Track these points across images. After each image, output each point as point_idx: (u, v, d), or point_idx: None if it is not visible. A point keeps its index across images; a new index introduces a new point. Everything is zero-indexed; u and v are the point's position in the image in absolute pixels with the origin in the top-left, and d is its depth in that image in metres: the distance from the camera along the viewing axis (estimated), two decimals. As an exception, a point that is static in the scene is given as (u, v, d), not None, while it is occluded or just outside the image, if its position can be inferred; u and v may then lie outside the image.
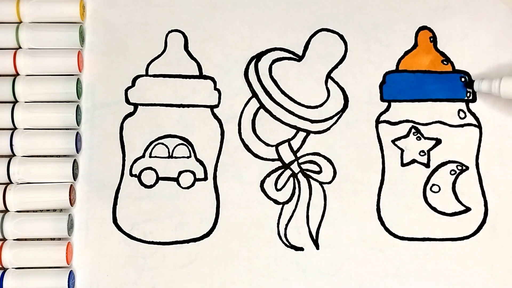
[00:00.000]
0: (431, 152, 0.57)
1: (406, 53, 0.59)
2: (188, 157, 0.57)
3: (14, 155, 0.56)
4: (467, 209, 0.57)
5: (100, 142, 0.57)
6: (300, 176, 0.57)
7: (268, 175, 0.57)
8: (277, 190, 0.57)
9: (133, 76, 0.58)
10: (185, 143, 0.57)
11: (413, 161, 0.57)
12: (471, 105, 0.58)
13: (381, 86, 0.58)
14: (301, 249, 0.56)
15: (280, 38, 0.59)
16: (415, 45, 0.59)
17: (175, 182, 0.56)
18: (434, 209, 0.56)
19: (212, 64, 0.58)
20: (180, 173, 0.56)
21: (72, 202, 0.55)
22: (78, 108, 0.56)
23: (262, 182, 0.57)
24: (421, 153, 0.57)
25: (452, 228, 0.56)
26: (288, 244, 0.56)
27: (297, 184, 0.57)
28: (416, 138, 0.57)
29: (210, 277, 0.55)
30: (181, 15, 0.59)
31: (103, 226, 0.56)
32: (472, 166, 0.57)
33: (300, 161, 0.57)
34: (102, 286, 0.55)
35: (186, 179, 0.56)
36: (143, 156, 0.57)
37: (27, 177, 0.55)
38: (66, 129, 0.56)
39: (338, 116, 0.58)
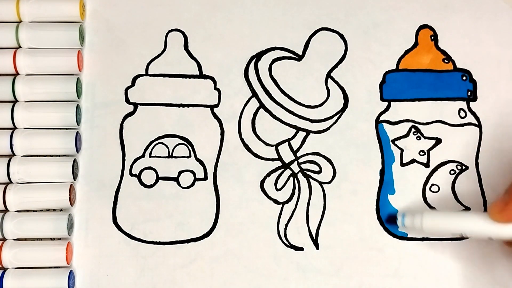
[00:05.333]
0: (430, 151, 0.57)
1: (407, 52, 0.59)
2: (188, 157, 0.57)
3: (14, 154, 0.56)
4: (467, 209, 0.57)
5: (100, 142, 0.57)
6: (300, 176, 0.57)
7: (268, 175, 0.57)
8: (277, 190, 0.57)
9: (133, 75, 0.58)
10: (185, 142, 0.57)
11: (413, 160, 0.57)
12: (471, 104, 0.58)
13: (381, 85, 0.58)
14: (301, 249, 0.56)
15: (280, 38, 0.59)
16: (415, 44, 0.59)
17: (175, 182, 0.56)
18: (434, 209, 0.56)
19: (212, 63, 0.58)
20: (180, 173, 0.56)
21: (72, 202, 0.55)
22: (78, 108, 0.56)
23: (262, 182, 0.57)
24: (421, 153, 0.57)
25: (452, 228, 0.56)
26: (288, 244, 0.56)
27: (297, 184, 0.57)
28: (416, 137, 0.57)
29: (210, 277, 0.55)
30: (181, 15, 0.59)
31: (103, 226, 0.56)
32: (472, 166, 0.57)
33: (300, 161, 0.57)
34: (102, 286, 0.55)
35: (186, 179, 0.56)
36: (143, 155, 0.57)
37: (27, 176, 0.55)
38: (66, 128, 0.56)
39: (338, 115, 0.58)
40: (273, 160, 0.57)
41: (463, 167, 0.57)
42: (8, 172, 0.55)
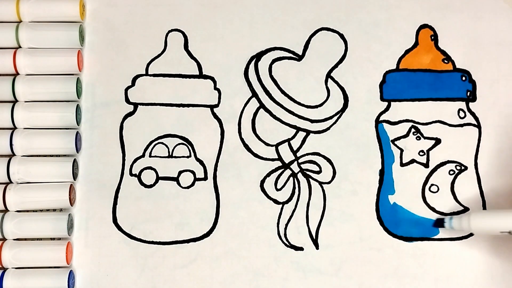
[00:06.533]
0: (430, 152, 0.57)
1: (407, 52, 0.59)
2: (188, 157, 0.57)
3: (14, 154, 0.56)
4: (466, 209, 0.57)
5: (100, 142, 0.57)
6: (300, 176, 0.57)
7: (268, 175, 0.57)
8: (277, 190, 0.57)
9: (133, 75, 0.58)
10: (185, 142, 0.57)
11: (413, 161, 0.57)
12: (471, 104, 0.58)
13: (381, 85, 0.58)
14: (301, 249, 0.56)
15: (280, 38, 0.59)
16: (415, 44, 0.59)
17: (175, 182, 0.56)
18: (433, 209, 0.57)
19: (212, 63, 0.58)
20: (180, 172, 0.56)
21: (72, 202, 0.55)
22: (78, 108, 0.56)
23: (262, 182, 0.57)
24: (421, 153, 0.57)
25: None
26: (288, 244, 0.56)
27: (297, 184, 0.57)
28: (416, 138, 0.57)
29: (210, 277, 0.55)
30: (181, 15, 0.59)
31: (103, 226, 0.56)
32: (471, 166, 0.57)
33: (300, 161, 0.57)
34: (102, 286, 0.55)
35: (186, 178, 0.56)
36: (143, 155, 0.57)
37: (27, 176, 0.55)
38: (66, 128, 0.56)
39: (338, 115, 0.58)
40: (273, 160, 0.57)
41: (463, 167, 0.57)
42: (8, 172, 0.55)
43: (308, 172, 0.57)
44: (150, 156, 0.57)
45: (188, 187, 0.56)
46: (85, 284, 0.55)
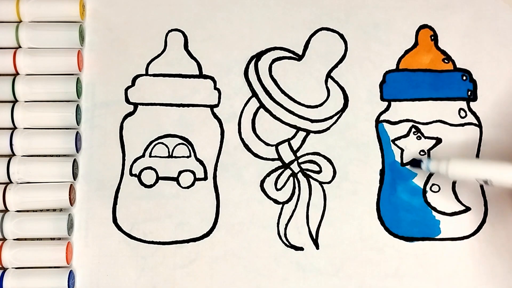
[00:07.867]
0: (431, 151, 0.57)
1: (407, 52, 0.59)
2: (188, 157, 0.57)
3: (14, 154, 0.56)
4: (467, 209, 0.57)
5: (100, 142, 0.57)
6: (300, 175, 0.57)
7: (268, 174, 0.57)
8: (277, 189, 0.57)
9: (133, 75, 0.58)
10: (185, 142, 0.57)
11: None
12: (472, 104, 0.58)
13: (381, 85, 0.58)
14: (301, 249, 0.56)
15: (280, 38, 0.59)
16: (415, 44, 0.59)
17: (175, 182, 0.56)
18: (434, 208, 0.56)
19: (212, 63, 0.58)
20: (180, 172, 0.56)
21: (72, 201, 0.55)
22: (78, 108, 0.56)
23: (262, 181, 0.57)
24: (421, 153, 0.57)
25: (452, 228, 0.56)
26: (288, 244, 0.56)
27: (297, 183, 0.57)
28: (416, 137, 0.57)
29: (210, 277, 0.55)
30: (181, 15, 0.59)
31: (103, 226, 0.56)
32: (472, 166, 0.57)
33: (300, 160, 0.57)
34: (102, 286, 0.55)
35: (186, 178, 0.56)
36: (143, 155, 0.57)
37: (27, 176, 0.55)
38: (66, 128, 0.56)
39: (338, 115, 0.58)
40: (273, 160, 0.57)
41: (464, 167, 0.57)
42: (8, 172, 0.55)
43: (308, 172, 0.57)
44: (150, 156, 0.57)
45: (188, 187, 0.56)
46: (85, 284, 0.55)
